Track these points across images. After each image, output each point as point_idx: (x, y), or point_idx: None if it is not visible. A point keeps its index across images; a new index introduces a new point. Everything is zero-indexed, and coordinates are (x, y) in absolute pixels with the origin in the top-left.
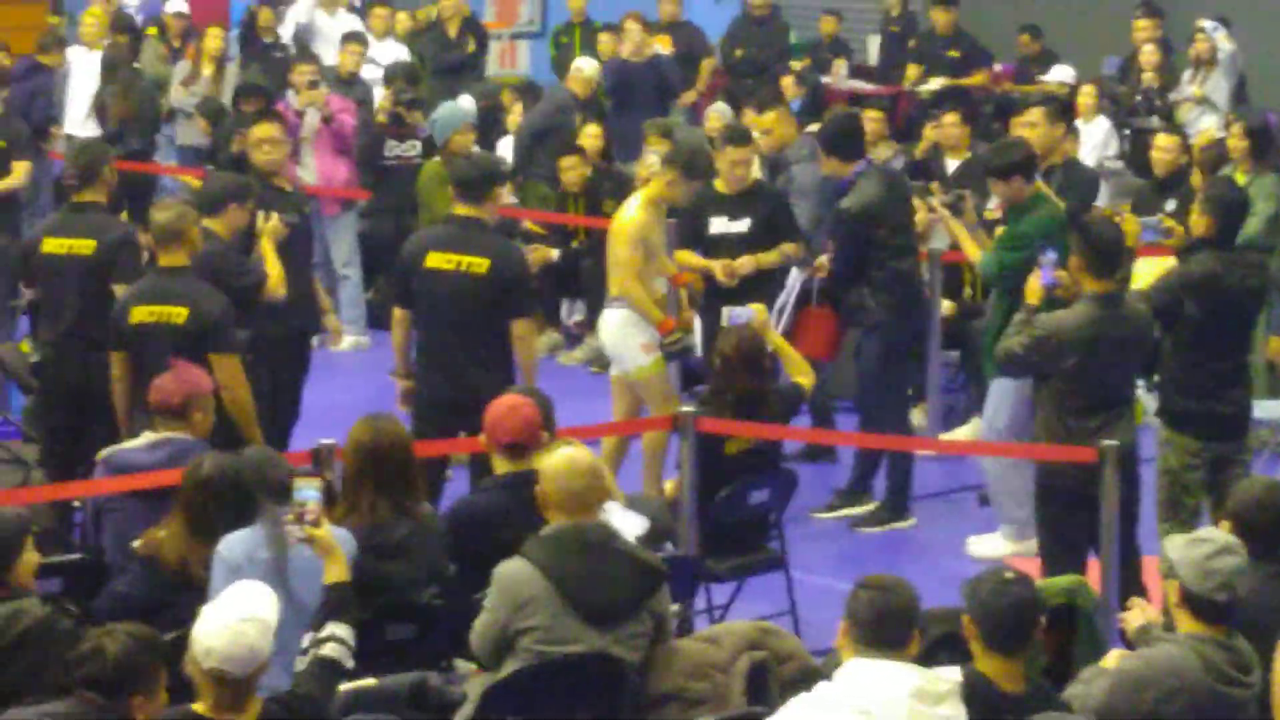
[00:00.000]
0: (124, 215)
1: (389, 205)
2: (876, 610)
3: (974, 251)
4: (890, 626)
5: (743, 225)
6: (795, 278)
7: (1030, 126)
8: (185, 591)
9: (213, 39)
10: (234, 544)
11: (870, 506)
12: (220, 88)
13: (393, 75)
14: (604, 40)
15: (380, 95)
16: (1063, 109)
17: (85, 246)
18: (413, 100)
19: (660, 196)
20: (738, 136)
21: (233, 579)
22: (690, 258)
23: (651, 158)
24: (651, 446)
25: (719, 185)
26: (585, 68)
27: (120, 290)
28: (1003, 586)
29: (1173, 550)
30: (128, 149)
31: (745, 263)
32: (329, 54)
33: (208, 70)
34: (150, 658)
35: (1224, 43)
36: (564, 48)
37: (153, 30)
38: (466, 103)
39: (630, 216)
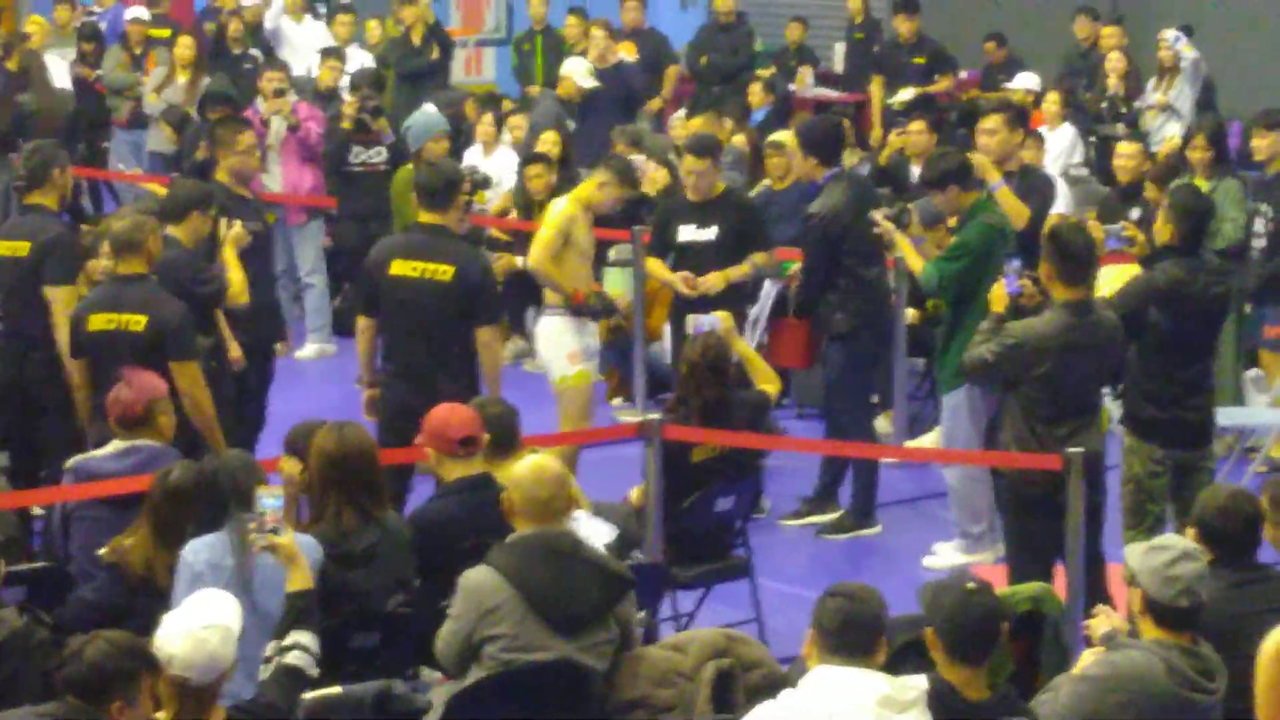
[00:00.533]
0: None
1: (354, 212)
2: (843, 618)
3: (916, 264)
4: (857, 634)
5: (710, 233)
6: (770, 288)
7: (989, 134)
8: (150, 598)
9: (183, 47)
10: (199, 550)
11: (835, 515)
12: (194, 95)
13: (358, 82)
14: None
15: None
16: (1020, 115)
17: (22, 248)
18: (377, 108)
19: (591, 197)
20: (699, 146)
21: (196, 586)
22: (659, 267)
23: None
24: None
25: (688, 193)
26: (576, 71)
27: (50, 291)
28: (966, 597)
29: (1133, 558)
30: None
31: (713, 280)
32: (296, 61)
33: (182, 78)
34: (131, 664)
35: (1186, 51)
36: (525, 55)
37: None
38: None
39: (560, 208)
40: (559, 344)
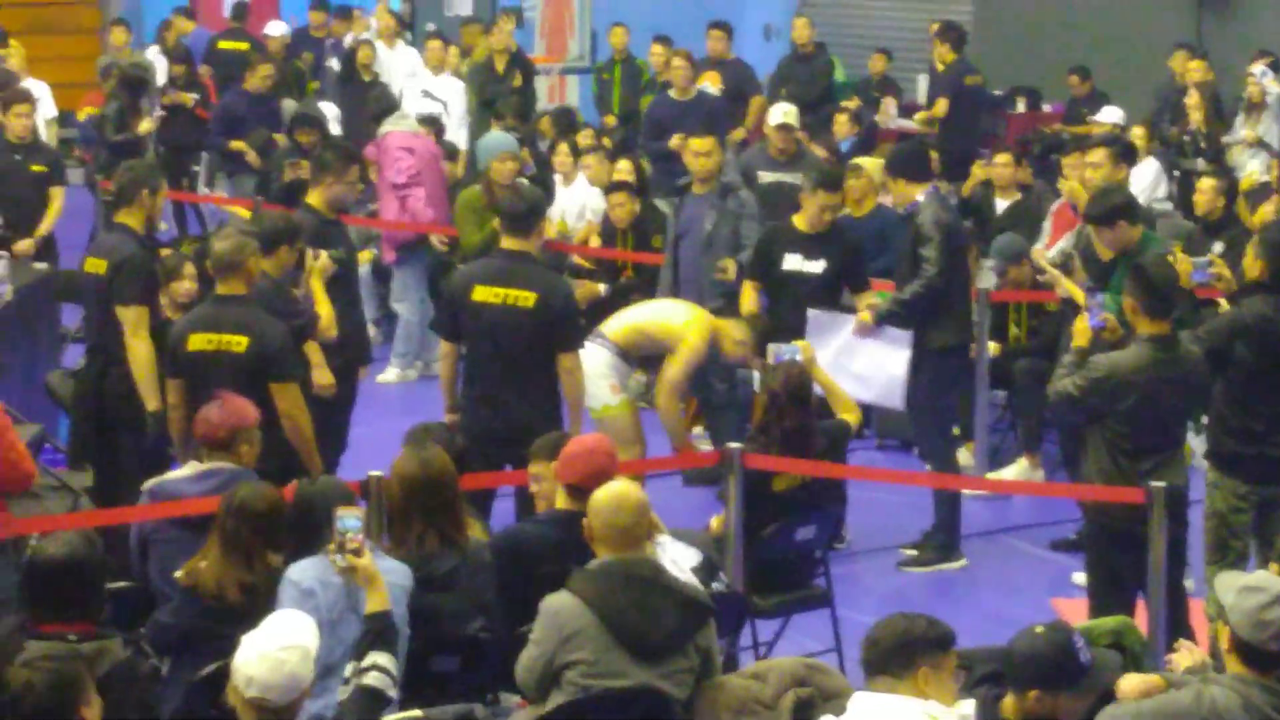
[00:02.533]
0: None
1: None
2: (868, 640)
3: (1078, 296)
4: (877, 653)
5: (817, 266)
6: None
7: (1094, 167)
8: (225, 620)
9: (260, 78)
10: (305, 568)
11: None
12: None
13: (503, 112)
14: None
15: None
16: (1126, 151)
17: (101, 266)
18: (520, 138)
19: (721, 344)
20: (829, 181)
21: (305, 603)
22: (749, 293)
23: None
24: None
25: (797, 223)
26: None
27: (121, 311)
28: (1035, 637)
29: (1225, 595)
30: None
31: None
32: (393, 85)
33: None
34: (67, 696)
35: (1272, 86)
36: (605, 84)
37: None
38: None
39: (694, 345)
40: (604, 374)
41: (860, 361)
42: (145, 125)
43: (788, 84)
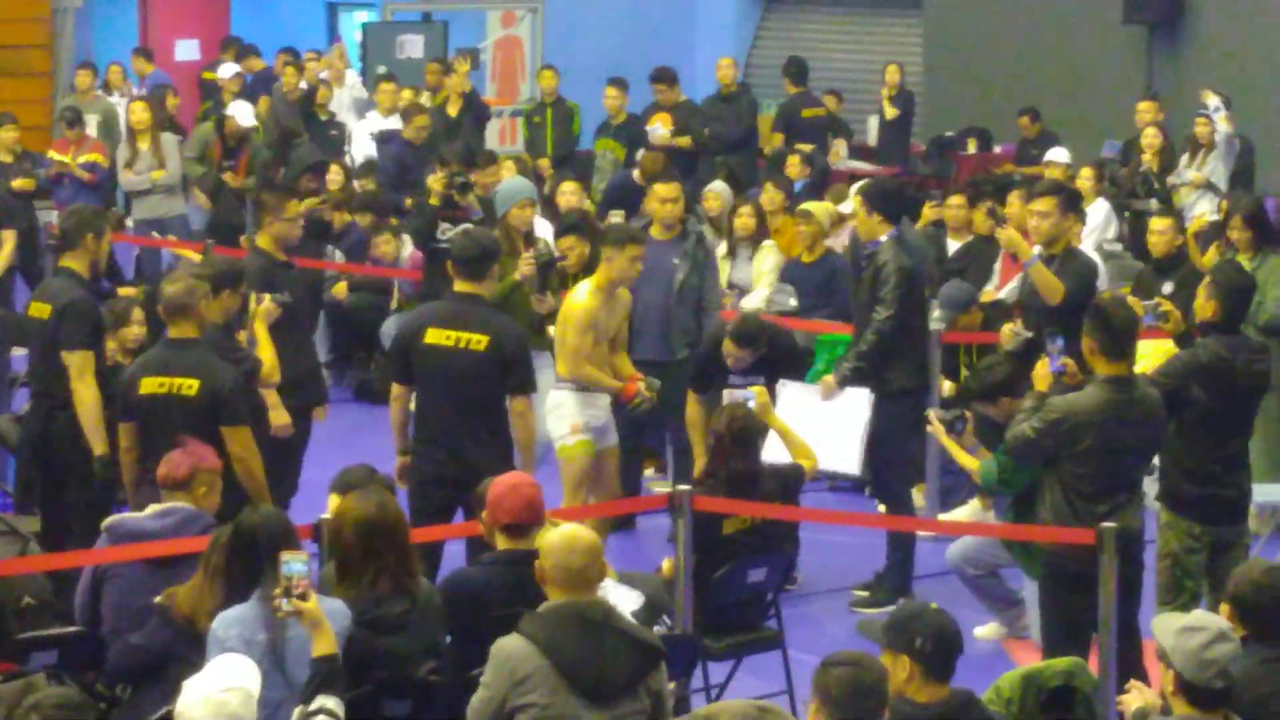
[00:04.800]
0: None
1: (440, 290)
2: (853, 687)
3: (971, 463)
4: (866, 702)
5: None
6: None
7: (1041, 216)
8: (194, 647)
9: (135, 112)
10: (229, 624)
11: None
12: (162, 156)
13: (448, 157)
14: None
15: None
16: (1072, 199)
17: (46, 310)
18: (465, 183)
19: (608, 280)
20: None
21: None
22: (694, 407)
23: None
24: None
25: (726, 350)
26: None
27: (66, 356)
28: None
29: (1166, 638)
30: None
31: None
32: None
33: (143, 144)
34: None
35: (1223, 124)
36: (536, 127)
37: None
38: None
39: (580, 301)
40: (564, 417)
41: (823, 430)
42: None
43: (711, 124)
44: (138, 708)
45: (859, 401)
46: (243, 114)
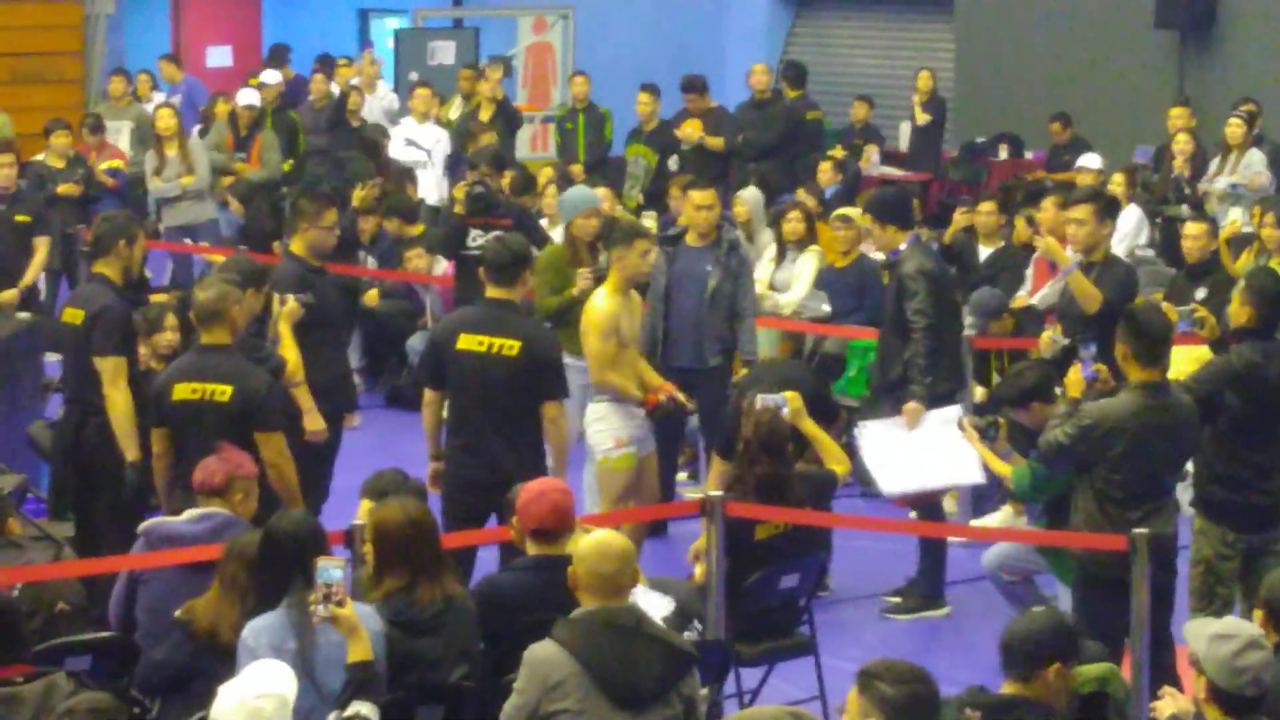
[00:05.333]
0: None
1: (472, 297)
2: (914, 699)
3: (1005, 469)
4: (926, 715)
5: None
6: None
7: (1078, 224)
8: (218, 660)
9: (163, 118)
10: (259, 632)
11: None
12: (191, 162)
13: (476, 160)
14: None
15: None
16: (1110, 206)
17: (78, 316)
18: (482, 193)
19: (623, 279)
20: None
21: None
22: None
23: None
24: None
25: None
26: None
27: (98, 362)
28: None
29: (1199, 645)
30: None
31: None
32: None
33: (171, 151)
34: None
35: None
36: (568, 134)
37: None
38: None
39: (599, 306)
40: (607, 428)
41: (928, 454)
42: None
43: (744, 130)
44: None
45: (946, 414)
46: (247, 98)
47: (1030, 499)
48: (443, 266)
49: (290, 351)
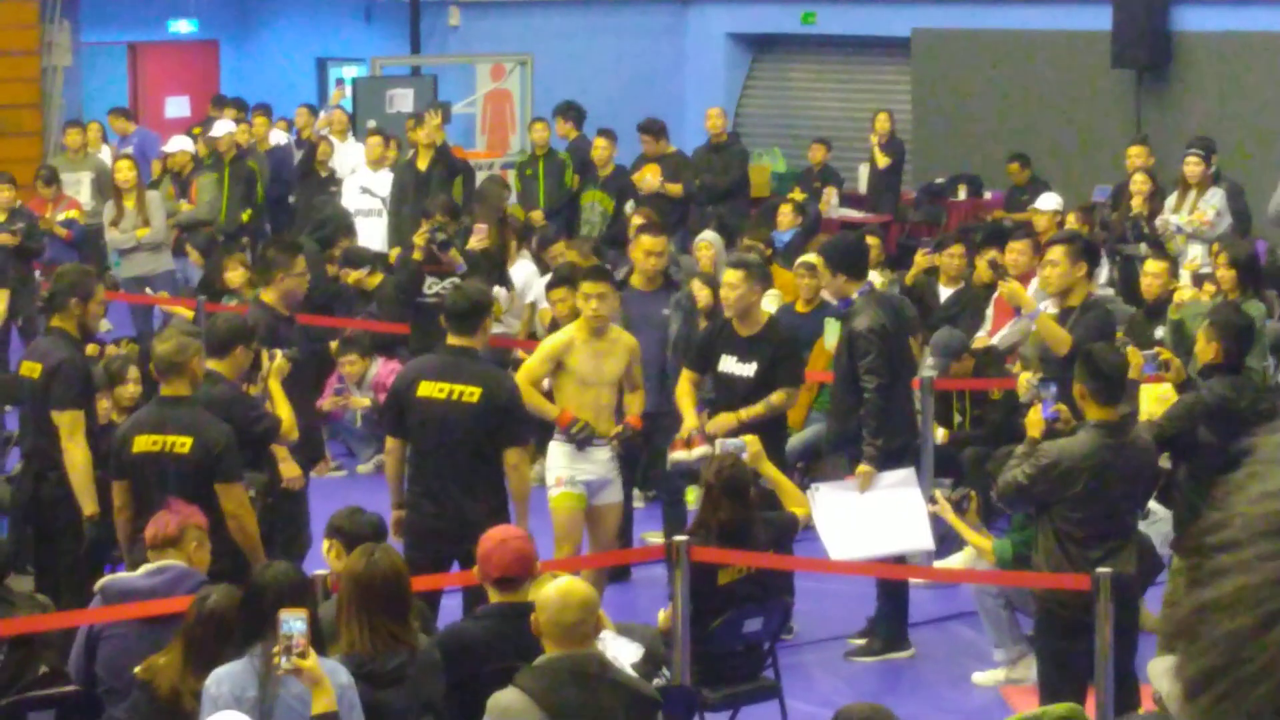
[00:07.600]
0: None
1: (428, 345)
2: None
3: (984, 544)
4: None
5: (749, 369)
6: None
7: (1051, 264)
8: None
9: (121, 170)
10: (221, 680)
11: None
12: (146, 214)
13: (432, 210)
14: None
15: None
16: (1087, 249)
17: (35, 370)
18: (446, 240)
19: (586, 319)
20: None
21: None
22: (686, 385)
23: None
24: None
25: (736, 325)
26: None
27: (56, 416)
28: None
29: (1159, 682)
30: None
31: (723, 421)
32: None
33: (129, 203)
34: None
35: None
36: (529, 180)
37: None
38: None
39: (553, 335)
40: (552, 466)
41: (880, 519)
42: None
43: (700, 174)
44: None
45: (899, 476)
46: (176, 145)
47: (1016, 568)
48: (376, 368)
49: (283, 409)
